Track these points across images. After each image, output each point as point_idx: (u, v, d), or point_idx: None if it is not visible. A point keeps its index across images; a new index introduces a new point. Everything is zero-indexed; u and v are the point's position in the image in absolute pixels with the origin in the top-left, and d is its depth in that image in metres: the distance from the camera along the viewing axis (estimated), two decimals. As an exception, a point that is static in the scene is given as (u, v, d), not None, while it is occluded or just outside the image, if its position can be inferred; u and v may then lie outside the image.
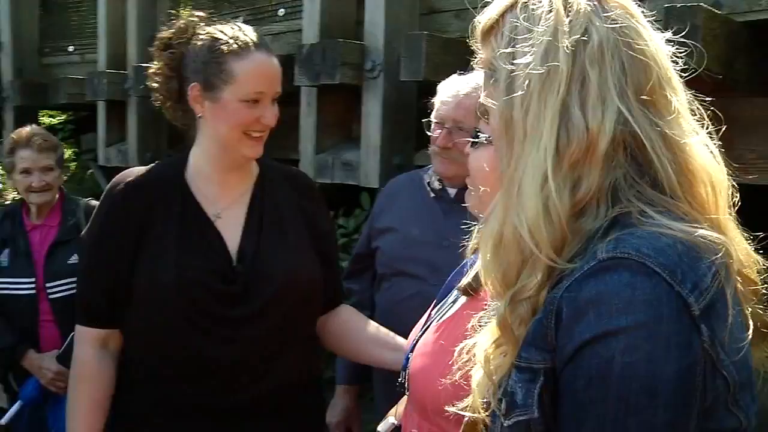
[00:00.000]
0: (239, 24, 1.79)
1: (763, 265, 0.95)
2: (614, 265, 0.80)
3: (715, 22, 2.07)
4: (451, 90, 2.13)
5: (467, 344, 1.06)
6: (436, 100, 2.16)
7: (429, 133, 2.15)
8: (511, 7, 0.96)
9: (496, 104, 0.96)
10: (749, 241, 0.96)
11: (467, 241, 1.74)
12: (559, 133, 0.88)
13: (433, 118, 2.14)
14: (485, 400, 0.96)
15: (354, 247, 3.58)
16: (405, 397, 1.71)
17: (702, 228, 0.85)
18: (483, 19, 1.02)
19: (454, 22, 3.09)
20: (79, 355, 1.80)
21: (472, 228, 1.74)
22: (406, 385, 1.62)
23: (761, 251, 0.98)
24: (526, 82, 0.90)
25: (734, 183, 0.96)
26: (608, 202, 0.89)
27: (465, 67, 2.43)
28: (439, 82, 2.56)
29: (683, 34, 0.98)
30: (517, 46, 0.93)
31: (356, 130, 3.55)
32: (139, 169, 1.86)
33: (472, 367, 1.03)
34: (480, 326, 1.04)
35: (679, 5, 2.01)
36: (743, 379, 0.85)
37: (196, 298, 1.71)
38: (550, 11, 0.91)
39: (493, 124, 1.01)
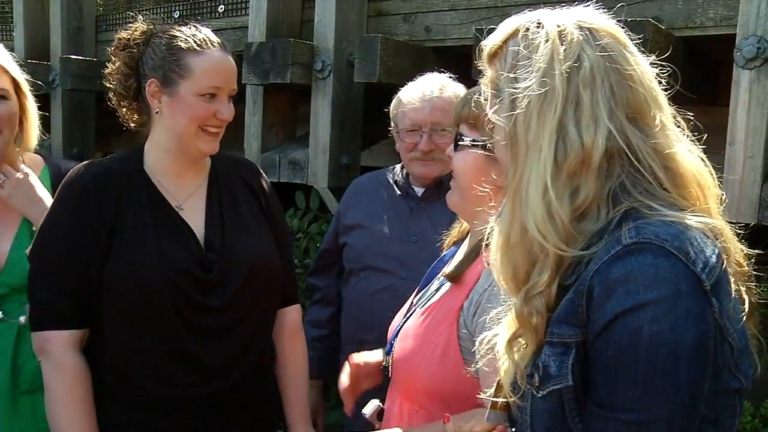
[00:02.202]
0: (197, 24, 1.83)
1: (746, 252, 1.09)
2: (638, 249, 0.92)
3: (659, 35, 2.23)
4: (417, 94, 2.20)
5: (486, 336, 1.14)
6: (401, 109, 2.23)
7: (402, 141, 2.21)
8: (514, 35, 1.09)
9: (501, 121, 1.08)
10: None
11: (438, 237, 1.83)
12: (557, 147, 1.02)
13: (405, 126, 2.19)
14: (513, 384, 1.07)
15: (296, 246, 3.62)
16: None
17: (702, 216, 0.99)
18: (489, 43, 1.14)
19: (402, 26, 3.16)
20: (64, 362, 1.71)
21: (445, 224, 1.83)
22: (389, 369, 1.68)
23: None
24: (526, 102, 1.03)
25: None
26: (609, 205, 1.02)
27: (414, 69, 2.51)
28: (392, 84, 2.63)
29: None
30: (518, 71, 1.05)
31: (300, 130, 3.55)
32: (96, 162, 1.85)
33: (494, 356, 1.13)
34: (498, 320, 1.15)
35: (629, 19, 2.15)
36: (743, 346, 0.99)
37: (181, 285, 1.72)
38: (547, 40, 1.04)
39: (497, 137, 1.13)
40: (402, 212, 2.28)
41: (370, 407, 1.73)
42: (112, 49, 1.83)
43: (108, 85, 1.84)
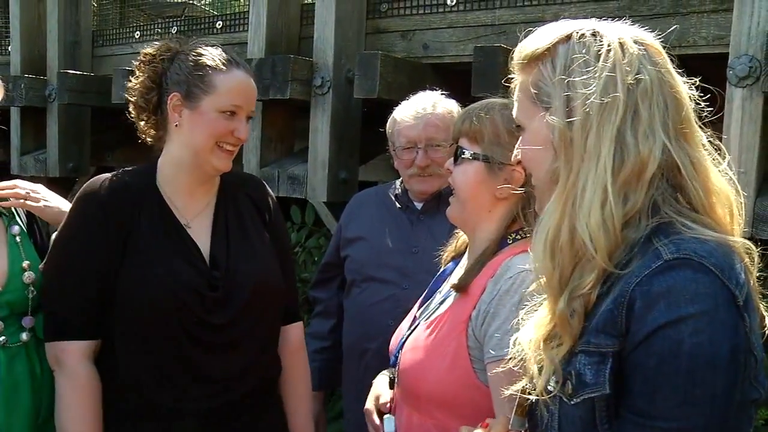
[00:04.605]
0: (223, 47, 1.88)
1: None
2: (679, 264, 0.96)
3: (656, 54, 2.29)
4: (410, 112, 2.25)
5: (517, 336, 1.18)
6: (396, 127, 2.28)
7: (399, 159, 2.26)
8: (565, 40, 1.11)
9: (553, 123, 1.09)
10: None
11: (438, 248, 1.86)
12: (615, 155, 1.04)
13: (401, 144, 2.24)
14: (545, 387, 1.08)
15: (295, 261, 3.64)
16: (378, 388, 1.82)
17: (729, 235, 1.03)
18: (530, 45, 1.14)
19: (400, 43, 3.21)
20: (79, 372, 1.74)
21: (445, 236, 1.86)
22: (395, 381, 1.70)
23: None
24: (586, 108, 1.05)
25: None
26: (648, 216, 1.05)
27: (413, 86, 2.56)
28: (391, 100, 2.67)
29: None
30: (575, 75, 1.07)
31: (298, 144, 3.58)
32: (112, 176, 1.87)
33: (525, 355, 1.15)
34: (525, 320, 1.17)
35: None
36: (761, 360, 1.02)
37: (188, 302, 1.75)
38: (609, 50, 1.07)
39: (534, 138, 1.15)
40: (402, 225, 2.33)
41: (390, 424, 1.73)
42: (137, 63, 1.87)
43: (129, 98, 1.88)
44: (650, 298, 0.95)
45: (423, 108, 2.24)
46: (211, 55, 1.80)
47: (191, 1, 5.54)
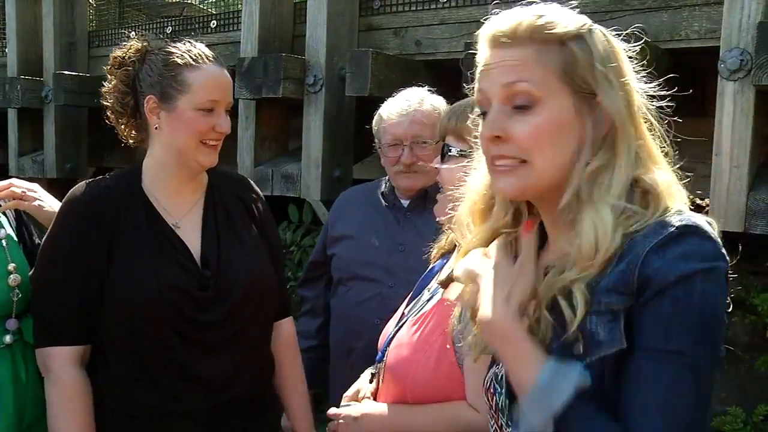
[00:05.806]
0: (191, 40, 1.85)
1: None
2: (687, 231, 1.04)
3: (647, 47, 2.27)
4: (396, 110, 2.24)
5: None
6: (382, 125, 2.27)
7: (385, 156, 2.25)
8: (587, 24, 1.13)
9: (614, 105, 1.13)
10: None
11: (424, 246, 1.85)
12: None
13: (386, 141, 2.23)
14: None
15: (290, 259, 3.64)
16: (359, 382, 1.81)
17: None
18: (552, 21, 1.12)
19: (392, 40, 3.20)
20: (63, 377, 1.73)
21: (431, 234, 1.85)
22: (381, 377, 1.70)
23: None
24: (633, 94, 1.17)
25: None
26: None
27: (405, 83, 2.55)
28: (383, 98, 2.67)
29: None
30: (611, 62, 1.15)
31: (292, 143, 3.58)
32: (95, 181, 1.86)
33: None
34: None
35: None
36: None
37: (176, 302, 1.74)
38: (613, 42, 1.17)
39: (558, 117, 1.14)
40: (389, 223, 2.32)
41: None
42: (108, 67, 1.85)
43: (105, 103, 1.86)
44: (665, 258, 1.02)
45: (408, 105, 2.23)
46: (180, 52, 1.77)
47: (189, 1, 5.54)
